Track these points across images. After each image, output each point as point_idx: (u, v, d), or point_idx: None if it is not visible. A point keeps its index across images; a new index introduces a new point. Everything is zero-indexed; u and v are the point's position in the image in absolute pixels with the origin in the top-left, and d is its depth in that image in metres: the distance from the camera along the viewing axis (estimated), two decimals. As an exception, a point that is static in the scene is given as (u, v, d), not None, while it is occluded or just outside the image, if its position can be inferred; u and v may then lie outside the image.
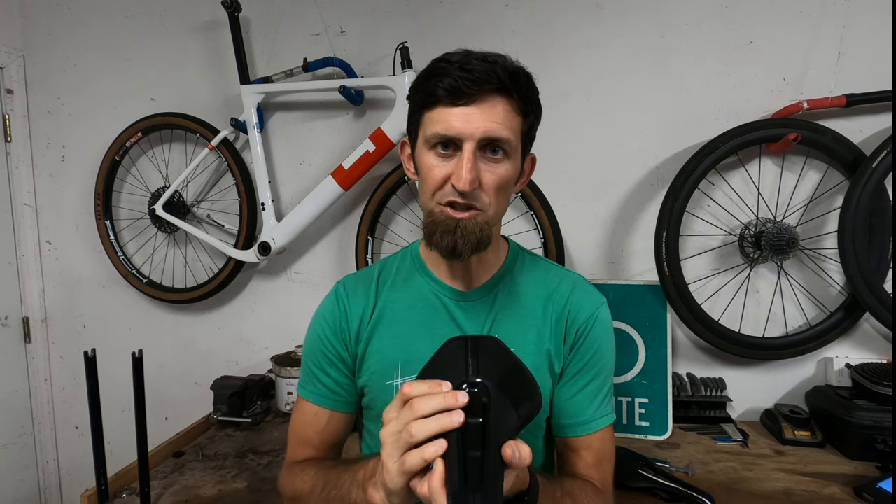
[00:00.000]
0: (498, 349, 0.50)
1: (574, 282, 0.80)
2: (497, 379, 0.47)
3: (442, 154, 0.66)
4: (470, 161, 0.64)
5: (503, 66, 0.65)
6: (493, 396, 0.46)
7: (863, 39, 1.26)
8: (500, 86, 0.64)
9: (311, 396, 0.79)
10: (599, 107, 1.41)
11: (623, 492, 1.00)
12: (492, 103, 0.65)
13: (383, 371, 0.76)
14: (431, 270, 0.79)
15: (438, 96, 0.65)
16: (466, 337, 0.50)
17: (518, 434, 0.48)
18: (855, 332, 1.31)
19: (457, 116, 0.64)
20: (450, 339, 0.51)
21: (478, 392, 0.45)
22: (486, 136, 0.64)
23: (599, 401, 0.76)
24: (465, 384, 0.46)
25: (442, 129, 0.65)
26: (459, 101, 0.64)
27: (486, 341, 0.50)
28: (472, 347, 0.48)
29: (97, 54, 1.71)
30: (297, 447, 0.80)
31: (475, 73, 0.63)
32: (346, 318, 0.78)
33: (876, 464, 1.09)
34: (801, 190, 1.32)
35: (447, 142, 0.65)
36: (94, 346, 1.05)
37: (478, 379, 0.46)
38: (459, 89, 0.63)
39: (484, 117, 0.64)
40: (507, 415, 0.47)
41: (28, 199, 1.78)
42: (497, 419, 0.45)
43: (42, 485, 1.85)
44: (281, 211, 1.59)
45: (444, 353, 0.50)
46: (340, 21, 1.54)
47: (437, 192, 0.67)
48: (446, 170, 0.66)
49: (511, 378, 0.49)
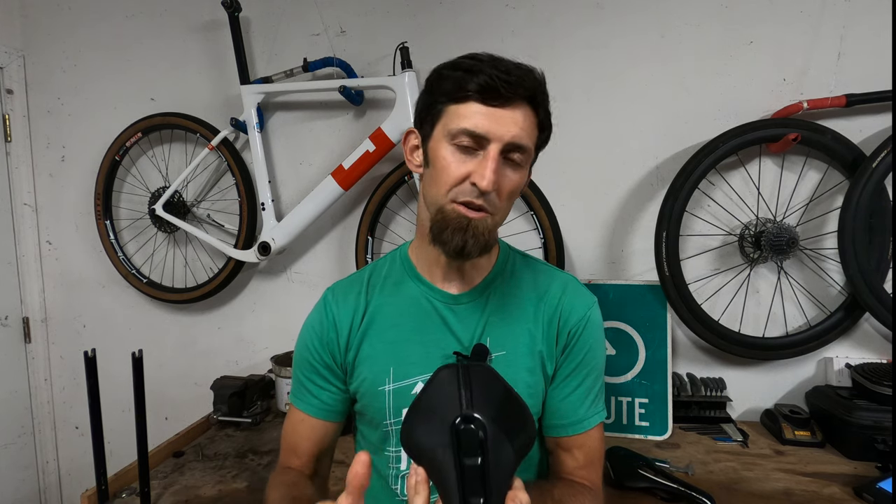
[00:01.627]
0: (490, 378, 0.49)
1: (565, 282, 0.79)
2: (491, 410, 0.46)
3: (463, 150, 0.65)
4: (495, 161, 0.63)
5: (536, 77, 0.66)
6: (490, 431, 0.44)
7: (863, 39, 1.26)
8: (531, 95, 0.65)
9: (299, 405, 0.80)
10: (599, 107, 1.41)
11: (623, 492, 1.00)
12: (520, 110, 0.65)
13: (375, 377, 0.75)
14: (422, 274, 0.78)
15: (470, 91, 0.63)
16: (458, 367, 0.49)
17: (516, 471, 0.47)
18: (855, 332, 1.31)
19: (487, 116, 0.63)
20: (441, 367, 0.50)
21: (474, 429, 0.44)
22: (512, 142, 0.64)
23: (591, 400, 0.76)
24: (458, 418, 0.45)
25: (471, 126, 0.63)
26: (493, 102, 0.63)
27: (478, 370, 0.49)
28: (464, 378, 0.47)
29: (97, 54, 1.71)
30: (286, 454, 0.81)
31: (512, 76, 0.63)
32: (334, 328, 0.78)
33: (876, 464, 1.09)
34: (801, 190, 1.32)
35: (472, 140, 0.64)
36: (94, 346, 1.05)
37: (474, 414, 0.45)
38: (496, 89, 0.62)
39: (512, 122, 0.64)
40: (504, 450, 0.46)
41: (28, 199, 1.78)
42: (495, 456, 0.44)
43: (42, 485, 1.85)
44: (281, 211, 1.59)
45: (435, 385, 0.49)
46: (340, 21, 1.54)
47: (454, 189, 0.66)
48: (467, 167, 0.65)
49: (505, 408, 0.48)
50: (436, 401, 0.48)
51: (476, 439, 0.44)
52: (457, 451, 0.44)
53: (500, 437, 0.45)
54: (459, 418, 0.45)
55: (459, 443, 0.44)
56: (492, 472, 0.43)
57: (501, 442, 0.45)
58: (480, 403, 0.46)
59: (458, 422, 0.45)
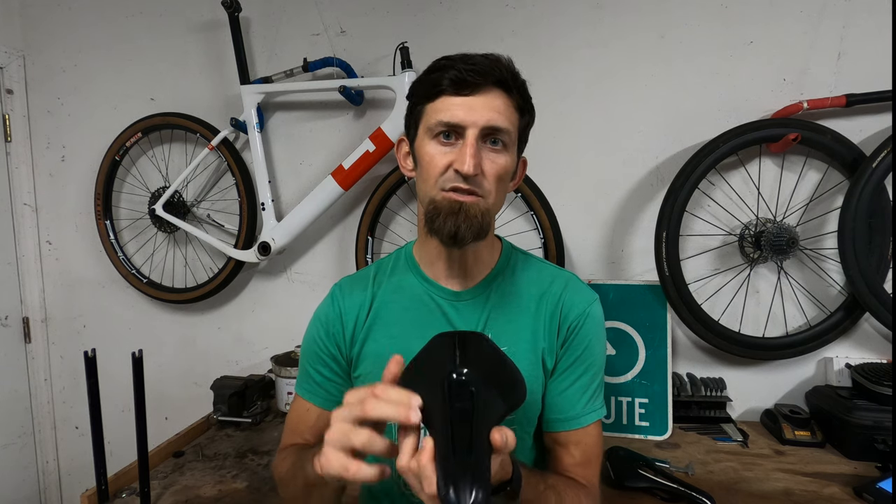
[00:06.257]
0: (483, 343, 0.51)
1: (566, 279, 0.80)
2: (483, 371, 0.48)
3: (444, 143, 0.68)
4: (473, 146, 0.66)
5: (504, 64, 0.69)
6: (480, 385, 0.47)
7: (863, 39, 1.26)
8: (501, 79, 0.67)
9: (304, 394, 0.82)
10: (599, 107, 1.41)
11: (623, 492, 1.00)
12: (493, 95, 0.67)
13: (379, 371, 0.74)
14: (425, 271, 0.80)
15: (443, 87, 0.67)
16: (454, 332, 0.52)
17: (503, 422, 0.50)
18: (855, 332, 1.31)
19: (460, 105, 0.66)
20: (438, 334, 0.52)
21: (465, 380, 0.47)
22: (488, 125, 0.66)
23: (589, 396, 0.77)
24: (453, 373, 0.47)
25: (446, 118, 0.66)
26: (463, 91, 0.66)
27: (473, 336, 0.51)
28: (460, 342, 0.50)
29: (97, 54, 1.71)
30: (289, 437, 0.83)
31: (479, 66, 0.66)
32: (340, 320, 0.80)
33: (876, 464, 1.09)
34: (801, 190, 1.32)
35: (449, 130, 0.67)
36: (94, 346, 1.05)
37: (464, 369, 0.47)
38: (464, 80, 0.66)
39: (486, 107, 0.66)
40: (493, 402, 0.49)
41: (28, 199, 1.78)
42: (484, 405, 0.47)
43: (42, 485, 1.85)
44: (281, 211, 1.59)
45: (432, 347, 0.52)
46: (340, 21, 1.54)
47: (440, 178, 0.68)
48: (449, 157, 0.68)
49: (497, 369, 0.51)
50: (430, 361, 0.51)
51: (467, 392, 0.46)
52: (448, 400, 0.46)
53: (491, 392, 0.48)
54: (453, 373, 0.47)
55: (451, 394, 0.46)
56: (479, 413, 0.46)
57: (491, 395, 0.48)
58: (473, 363, 0.48)
59: (450, 375, 0.47)
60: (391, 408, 0.47)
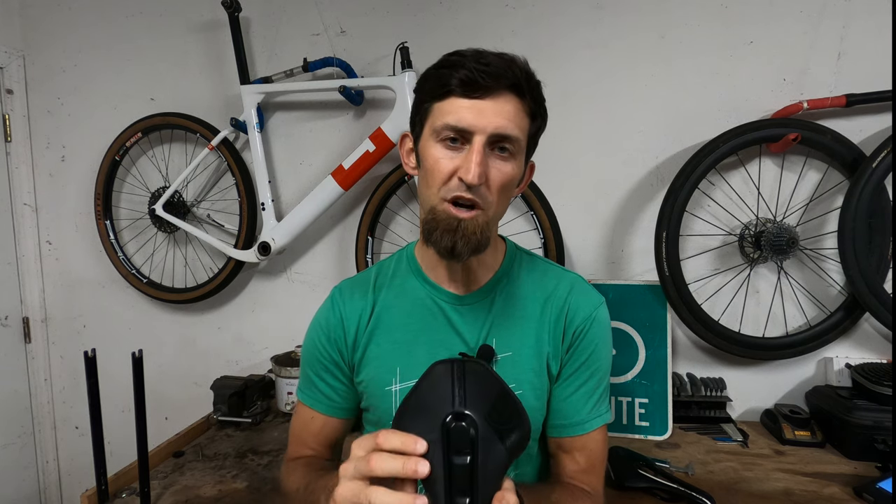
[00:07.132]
0: (485, 375, 0.48)
1: (572, 282, 0.78)
2: (485, 408, 0.45)
3: (450, 147, 0.65)
4: (479, 154, 0.62)
5: (519, 66, 0.64)
6: (481, 429, 0.44)
7: (863, 39, 1.26)
8: (515, 83, 0.63)
9: (307, 401, 0.80)
10: (600, 107, 1.41)
11: (623, 492, 1.00)
12: (505, 100, 0.63)
13: (382, 377, 0.75)
14: (428, 274, 0.78)
15: (451, 87, 0.63)
16: (453, 361, 0.48)
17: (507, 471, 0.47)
18: (855, 332, 1.31)
19: (469, 109, 0.62)
20: (435, 363, 0.49)
21: (465, 426, 0.44)
22: (497, 132, 0.63)
23: (594, 401, 0.75)
24: (450, 415, 0.44)
25: (453, 121, 0.63)
26: (473, 94, 0.62)
27: (473, 367, 0.48)
28: (459, 374, 0.46)
29: (97, 54, 1.71)
30: (295, 446, 0.82)
31: (492, 67, 0.62)
32: (341, 325, 0.78)
33: (876, 464, 1.09)
34: (801, 190, 1.32)
35: (456, 134, 0.64)
36: (94, 346, 1.05)
37: (465, 411, 0.44)
38: (475, 81, 0.61)
39: (496, 112, 0.63)
40: (495, 450, 0.45)
41: (28, 199, 1.78)
42: (485, 456, 0.44)
43: (42, 485, 1.85)
44: (281, 211, 1.59)
45: (430, 380, 0.48)
46: (340, 21, 1.54)
47: (443, 188, 0.65)
48: (454, 163, 0.64)
49: (499, 407, 0.47)
50: (429, 396, 0.47)
51: (466, 437, 0.43)
52: (446, 449, 0.43)
53: (492, 436, 0.45)
54: (451, 415, 0.44)
55: (449, 440, 0.43)
56: (480, 471, 0.43)
57: (493, 441, 0.45)
58: (474, 401, 0.45)
59: (448, 419, 0.44)
60: (398, 463, 0.43)
